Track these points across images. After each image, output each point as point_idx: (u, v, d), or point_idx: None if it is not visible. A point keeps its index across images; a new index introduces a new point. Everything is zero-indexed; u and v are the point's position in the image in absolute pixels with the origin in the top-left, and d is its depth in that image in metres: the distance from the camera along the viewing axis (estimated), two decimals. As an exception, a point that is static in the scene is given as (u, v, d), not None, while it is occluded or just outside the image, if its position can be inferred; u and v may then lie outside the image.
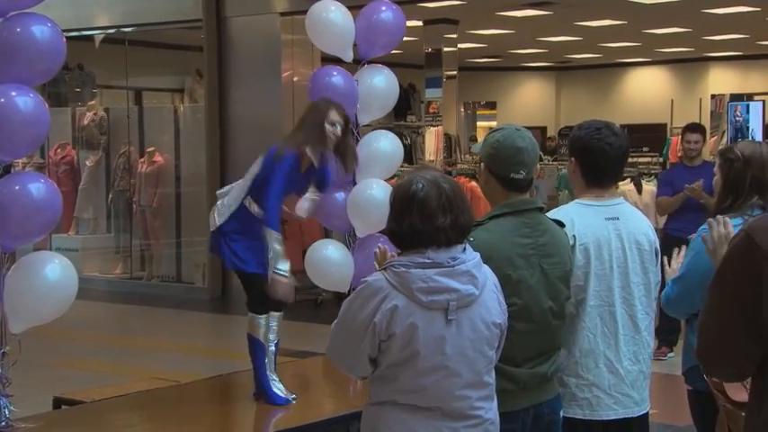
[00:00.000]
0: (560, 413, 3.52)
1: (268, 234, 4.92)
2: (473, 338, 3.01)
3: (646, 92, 21.99)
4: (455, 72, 14.81)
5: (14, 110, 4.30)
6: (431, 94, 14.71)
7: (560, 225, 3.53)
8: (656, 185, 9.49)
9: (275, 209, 4.97)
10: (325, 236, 8.37)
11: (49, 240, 13.02)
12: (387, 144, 5.76)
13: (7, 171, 4.56)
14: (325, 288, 6.04)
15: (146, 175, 13.14)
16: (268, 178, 4.96)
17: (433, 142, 13.94)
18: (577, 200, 3.73)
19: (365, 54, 5.77)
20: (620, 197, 3.81)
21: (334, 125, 5.02)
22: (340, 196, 5.54)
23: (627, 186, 9.95)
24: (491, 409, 3.10)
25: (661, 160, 14.06)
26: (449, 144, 14.47)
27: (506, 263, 3.30)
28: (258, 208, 5.03)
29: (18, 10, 4.42)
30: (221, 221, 5.06)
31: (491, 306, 3.06)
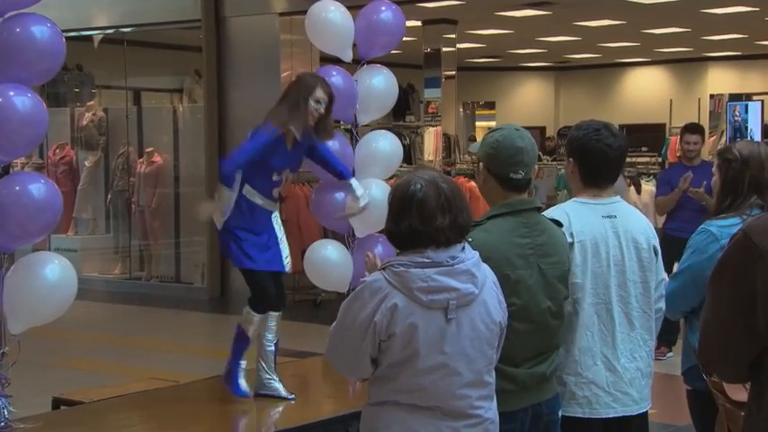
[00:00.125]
0: (559, 413, 3.52)
1: (218, 190, 4.94)
2: (473, 337, 3.01)
3: (644, 92, 22.01)
4: (454, 72, 14.81)
5: (12, 110, 4.29)
6: (430, 94, 14.71)
7: (558, 225, 3.54)
8: (654, 185, 9.49)
9: (232, 162, 4.99)
10: (324, 236, 8.38)
11: (47, 241, 13.02)
12: (386, 144, 5.76)
13: (6, 171, 4.56)
14: (325, 288, 6.03)
15: (145, 175, 13.14)
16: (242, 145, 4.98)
17: (432, 142, 13.94)
18: (575, 198, 3.73)
19: (365, 54, 5.78)
20: (617, 196, 3.81)
21: (318, 102, 4.97)
22: (340, 196, 5.54)
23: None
24: (491, 409, 3.10)
25: (660, 160, 14.06)
26: (448, 144, 14.48)
27: (505, 263, 3.31)
28: (260, 197, 5.00)
29: (16, 9, 4.42)
30: (226, 216, 5.00)
31: (491, 305, 3.06)
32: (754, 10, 13.78)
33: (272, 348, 5.12)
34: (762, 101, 13.24)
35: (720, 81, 20.13)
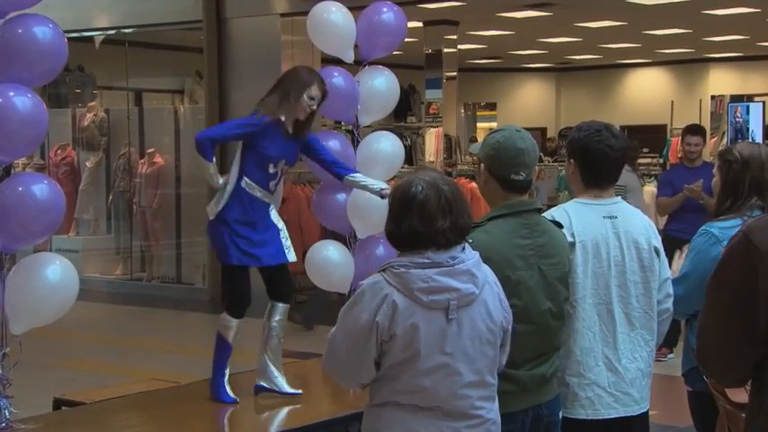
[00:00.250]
0: (559, 414, 3.52)
1: (202, 166, 4.95)
2: (473, 337, 3.01)
3: (646, 93, 22.00)
4: (455, 73, 14.82)
5: (13, 110, 4.29)
6: (431, 95, 14.72)
7: (558, 226, 3.54)
8: (656, 186, 9.49)
9: (205, 132, 5.04)
10: (325, 236, 8.37)
11: (49, 241, 13.03)
12: (388, 145, 5.76)
13: (7, 173, 4.55)
14: (326, 289, 6.03)
15: (146, 176, 13.15)
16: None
17: (433, 143, 13.94)
18: (576, 199, 3.74)
19: (366, 55, 5.77)
20: (617, 197, 3.81)
21: (312, 99, 4.92)
22: (341, 197, 5.54)
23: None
24: (492, 410, 3.10)
25: (661, 161, 14.07)
26: (449, 145, 14.48)
27: (506, 264, 3.31)
28: (259, 190, 4.95)
29: (17, 10, 4.42)
30: (221, 206, 4.94)
31: (491, 305, 3.06)
32: (756, 11, 13.78)
33: (279, 341, 5.10)
34: (763, 102, 13.26)
35: (722, 82, 20.13)
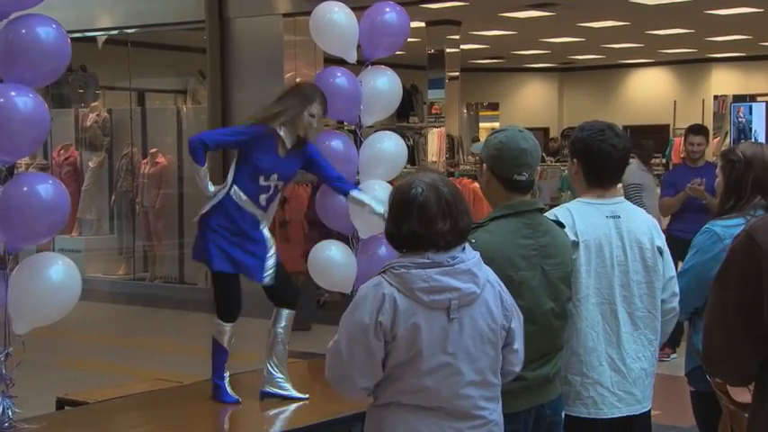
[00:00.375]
0: (562, 414, 3.53)
1: (196, 171, 4.95)
2: (475, 337, 3.01)
3: (648, 93, 21.99)
4: (458, 73, 14.82)
5: (14, 110, 4.29)
6: (433, 95, 14.71)
7: (560, 226, 3.54)
8: (658, 186, 9.48)
9: (198, 136, 4.96)
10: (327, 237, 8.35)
11: (52, 241, 13.03)
12: (391, 145, 5.76)
13: (11, 173, 4.55)
14: (329, 289, 6.03)
15: (149, 176, 13.16)
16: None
17: (435, 143, 13.93)
18: (578, 198, 3.74)
19: (369, 55, 5.77)
20: (620, 196, 3.81)
21: (312, 116, 4.94)
22: (343, 198, 5.54)
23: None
24: (495, 411, 3.10)
25: (664, 161, 14.05)
26: (451, 145, 14.47)
27: (508, 264, 3.31)
28: (249, 203, 4.92)
29: (20, 10, 4.42)
30: (206, 209, 4.94)
31: (492, 304, 3.06)
32: (759, 11, 13.77)
33: (284, 347, 5.11)
34: (766, 102, 13.22)
35: (724, 82, 20.11)
